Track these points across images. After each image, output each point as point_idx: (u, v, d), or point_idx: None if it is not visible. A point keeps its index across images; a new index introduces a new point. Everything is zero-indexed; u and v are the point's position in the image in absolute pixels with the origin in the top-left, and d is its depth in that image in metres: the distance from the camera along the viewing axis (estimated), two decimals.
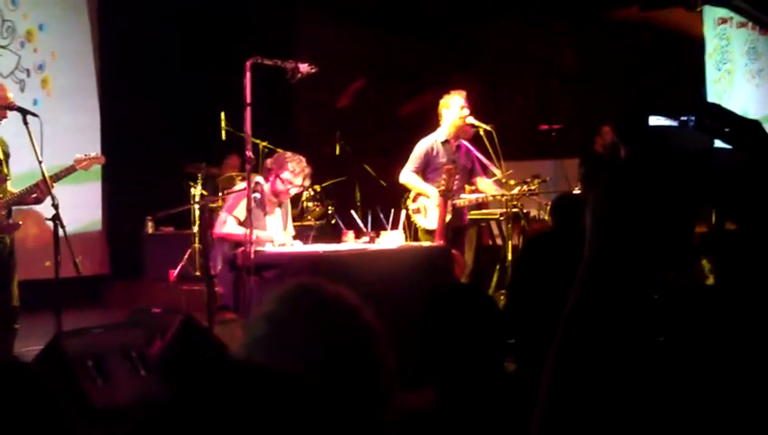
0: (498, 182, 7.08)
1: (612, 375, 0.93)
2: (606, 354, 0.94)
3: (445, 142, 7.02)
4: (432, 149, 6.99)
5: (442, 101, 7.03)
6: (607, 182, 0.96)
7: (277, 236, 6.26)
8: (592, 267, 0.96)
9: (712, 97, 9.88)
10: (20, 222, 5.77)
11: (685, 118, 0.95)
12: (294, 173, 6.15)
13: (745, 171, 0.93)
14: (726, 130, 0.94)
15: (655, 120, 0.95)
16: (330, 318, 1.34)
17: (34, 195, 5.60)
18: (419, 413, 1.92)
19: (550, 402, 0.96)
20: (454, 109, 6.95)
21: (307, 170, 6.22)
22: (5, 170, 5.70)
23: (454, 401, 1.97)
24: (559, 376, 0.96)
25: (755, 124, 0.95)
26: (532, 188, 7.04)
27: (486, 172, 7.18)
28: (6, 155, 5.75)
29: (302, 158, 6.24)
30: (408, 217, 7.00)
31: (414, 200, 7.05)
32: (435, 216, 6.73)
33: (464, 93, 7.00)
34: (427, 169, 6.98)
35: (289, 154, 6.29)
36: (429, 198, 6.85)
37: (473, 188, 7.15)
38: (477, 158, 7.09)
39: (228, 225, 6.10)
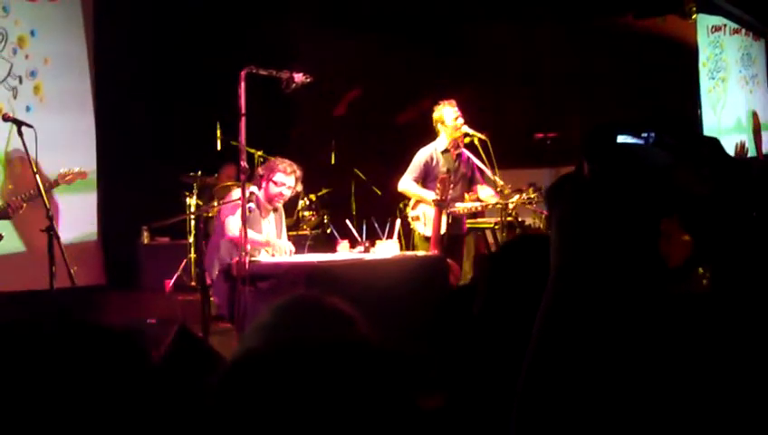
0: (496, 191, 7.10)
1: (584, 380, 0.94)
2: (576, 359, 0.95)
3: (445, 152, 7.05)
4: (432, 158, 7.03)
5: (435, 115, 7.08)
6: (572, 197, 0.97)
7: (284, 244, 6.30)
8: (559, 279, 0.97)
9: (705, 107, 9.91)
10: (2, 233, 5.77)
11: (645, 134, 0.96)
12: (286, 173, 6.20)
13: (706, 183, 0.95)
14: (685, 146, 0.96)
15: (622, 139, 0.96)
16: (325, 329, 1.34)
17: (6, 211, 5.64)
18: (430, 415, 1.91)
19: (523, 409, 0.97)
20: (448, 120, 6.99)
21: (298, 172, 6.26)
22: None
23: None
24: (532, 381, 0.97)
25: (713, 141, 0.97)
26: (531, 196, 7.05)
27: (487, 181, 7.20)
28: None
29: (291, 162, 6.29)
30: (405, 224, 7.02)
31: (413, 208, 7.07)
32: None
33: (453, 102, 7.04)
34: (427, 179, 7.01)
35: (278, 158, 6.36)
36: (430, 205, 6.87)
37: (473, 196, 7.17)
38: (478, 166, 7.11)
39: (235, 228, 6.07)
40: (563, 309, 0.97)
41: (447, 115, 7.00)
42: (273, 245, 6.22)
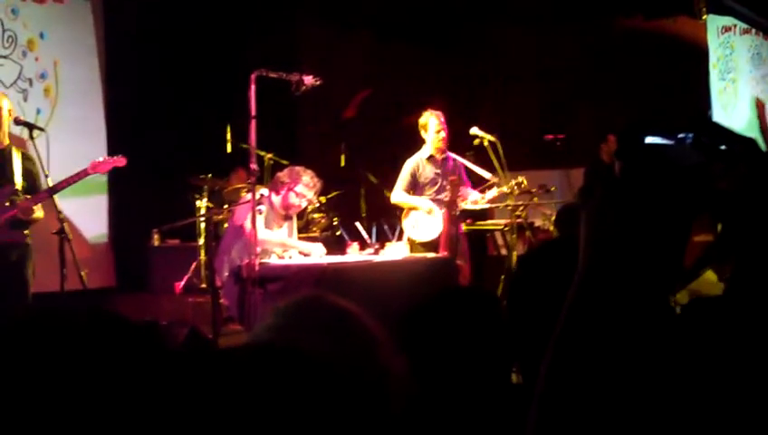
0: (484, 191, 7.13)
1: (607, 381, 0.94)
2: (599, 362, 0.94)
3: (429, 158, 7.14)
4: (418, 166, 7.16)
5: (421, 120, 7.18)
6: (603, 196, 0.97)
7: (314, 248, 6.27)
8: (587, 279, 0.97)
9: (716, 108, 9.86)
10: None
11: (682, 135, 0.96)
12: (308, 187, 6.20)
13: (742, 185, 0.94)
14: (722, 147, 0.95)
15: (651, 139, 0.96)
16: (333, 328, 1.34)
17: (12, 214, 5.43)
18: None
19: (542, 410, 0.97)
20: (431, 131, 7.10)
21: (318, 186, 6.29)
22: (16, 184, 5.57)
23: (456, 410, 1.95)
24: (553, 381, 0.97)
25: (750, 141, 0.96)
26: (516, 194, 7.01)
27: (472, 182, 7.28)
28: (27, 171, 5.65)
29: (314, 174, 6.30)
30: (402, 233, 7.09)
31: (406, 216, 7.12)
32: (427, 228, 6.91)
33: (440, 114, 7.12)
34: (416, 187, 7.11)
35: (302, 168, 6.35)
36: (419, 211, 6.95)
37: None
38: (466, 168, 7.19)
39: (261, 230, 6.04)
40: (588, 309, 0.96)
41: (431, 124, 7.11)
42: (301, 250, 6.22)
